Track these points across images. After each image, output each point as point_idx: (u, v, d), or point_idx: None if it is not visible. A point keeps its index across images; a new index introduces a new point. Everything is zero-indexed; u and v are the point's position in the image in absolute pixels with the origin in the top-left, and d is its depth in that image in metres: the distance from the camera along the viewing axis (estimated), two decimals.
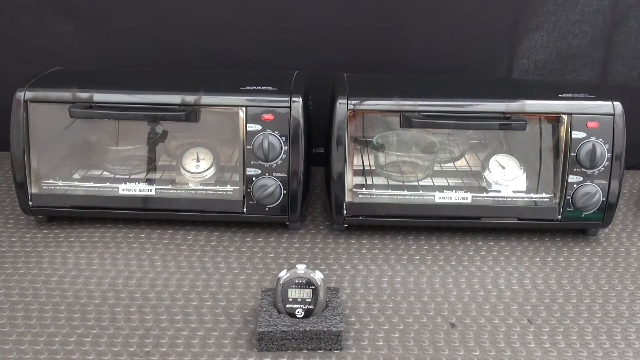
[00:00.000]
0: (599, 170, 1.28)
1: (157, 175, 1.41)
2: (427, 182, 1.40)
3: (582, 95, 1.30)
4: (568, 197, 1.29)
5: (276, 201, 1.30)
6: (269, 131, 1.28)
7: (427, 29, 1.61)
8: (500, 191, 1.35)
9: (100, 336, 1.04)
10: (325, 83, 1.44)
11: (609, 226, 1.36)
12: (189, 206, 1.34)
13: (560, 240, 1.35)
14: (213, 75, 1.43)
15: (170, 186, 1.35)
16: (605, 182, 1.28)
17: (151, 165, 1.43)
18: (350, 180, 1.33)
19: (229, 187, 1.34)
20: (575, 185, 1.29)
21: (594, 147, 1.26)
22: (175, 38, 1.61)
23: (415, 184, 1.40)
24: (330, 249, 1.31)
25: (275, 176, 1.29)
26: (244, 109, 1.28)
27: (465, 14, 1.59)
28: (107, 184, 1.35)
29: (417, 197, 1.34)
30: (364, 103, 1.29)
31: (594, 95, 1.30)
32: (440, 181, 1.41)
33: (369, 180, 1.41)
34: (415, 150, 1.46)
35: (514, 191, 1.35)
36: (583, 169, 1.28)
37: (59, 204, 1.34)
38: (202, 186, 1.36)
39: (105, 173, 1.41)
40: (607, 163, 1.27)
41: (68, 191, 1.35)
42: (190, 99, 1.29)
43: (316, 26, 1.61)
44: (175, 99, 1.29)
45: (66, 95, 1.30)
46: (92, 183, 1.36)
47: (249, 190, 1.30)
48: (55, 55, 1.61)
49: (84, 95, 1.29)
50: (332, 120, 1.29)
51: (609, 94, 1.31)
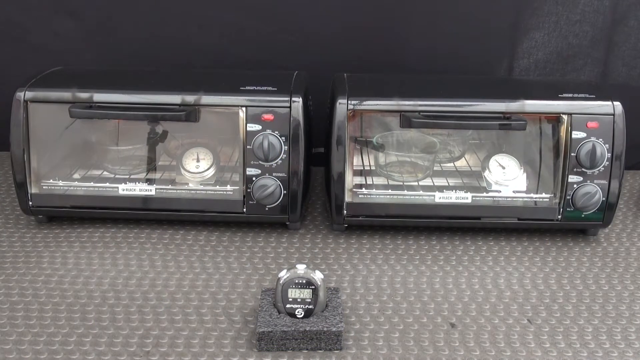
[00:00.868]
0: (599, 170, 1.28)
1: (157, 175, 1.41)
2: (427, 182, 1.40)
3: (582, 95, 1.30)
4: (568, 197, 1.29)
5: (276, 201, 1.30)
6: (269, 131, 1.28)
7: (427, 29, 1.61)
8: (500, 191, 1.35)
9: (100, 336, 1.04)
10: (325, 83, 1.44)
11: (609, 226, 1.35)
12: (189, 206, 1.34)
13: (560, 240, 1.35)
14: (213, 75, 1.43)
15: (170, 186, 1.35)
16: (605, 182, 1.28)
17: (151, 165, 1.43)
18: (350, 180, 1.33)
19: (229, 187, 1.34)
20: (575, 185, 1.29)
21: (594, 147, 1.26)
22: (175, 38, 1.61)
23: (415, 184, 1.40)
24: (330, 249, 1.31)
25: (275, 176, 1.29)
26: (244, 109, 1.28)
27: (465, 14, 1.59)
28: (107, 184, 1.35)
29: (417, 197, 1.34)
30: (364, 103, 1.29)
31: (594, 95, 1.30)
32: (440, 181, 1.41)
33: (369, 180, 1.41)
34: (415, 150, 1.46)
35: (514, 191, 1.35)
36: (583, 169, 1.28)
37: (59, 204, 1.34)
38: (202, 186, 1.36)
39: (105, 173, 1.41)
40: (607, 163, 1.27)
41: (68, 191, 1.35)
42: (190, 99, 1.29)
43: (316, 26, 1.61)
44: (175, 99, 1.29)
45: (66, 95, 1.30)
46: (92, 183, 1.36)
47: (249, 190, 1.30)
48: (55, 55, 1.61)
49: (84, 95, 1.29)
50: (332, 120, 1.29)
51: (609, 94, 1.31)
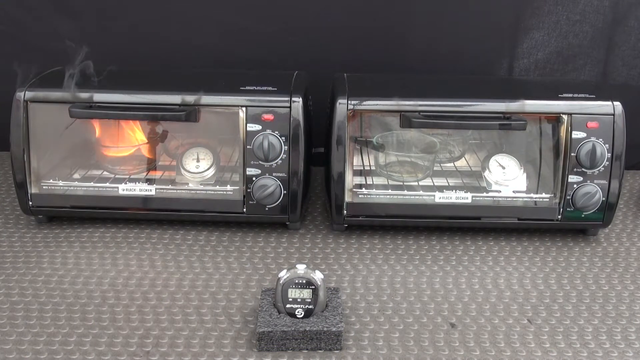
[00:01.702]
0: (599, 170, 1.28)
1: (157, 175, 1.41)
2: (427, 182, 1.40)
3: (582, 95, 1.30)
4: (568, 197, 1.29)
5: (276, 201, 1.30)
6: (269, 131, 1.28)
7: (428, 29, 1.61)
8: (500, 191, 1.35)
9: (100, 336, 1.04)
10: (325, 83, 1.44)
11: (609, 226, 1.35)
12: (189, 206, 1.34)
13: (560, 240, 1.35)
14: (213, 75, 1.43)
15: (170, 186, 1.35)
16: (605, 182, 1.28)
17: (151, 165, 1.43)
18: (350, 180, 1.33)
19: (229, 187, 1.34)
20: (575, 185, 1.29)
21: (594, 147, 1.26)
22: (175, 38, 1.61)
23: (415, 184, 1.40)
24: (330, 249, 1.31)
25: (275, 176, 1.29)
26: (244, 109, 1.28)
27: (465, 14, 1.59)
28: (107, 184, 1.35)
29: (417, 197, 1.34)
30: (364, 103, 1.29)
31: (594, 95, 1.30)
32: (440, 181, 1.41)
33: (369, 180, 1.41)
34: (415, 150, 1.46)
35: (514, 191, 1.35)
36: (583, 169, 1.28)
37: (59, 204, 1.34)
38: (202, 186, 1.36)
39: (105, 173, 1.41)
40: (607, 163, 1.27)
41: (68, 191, 1.35)
42: (190, 99, 1.29)
43: (316, 26, 1.61)
44: (175, 99, 1.29)
45: (66, 95, 1.30)
46: (92, 183, 1.36)
47: (249, 190, 1.30)
48: (55, 55, 1.61)
49: (84, 95, 1.29)
50: (332, 120, 1.29)
51: (609, 94, 1.31)
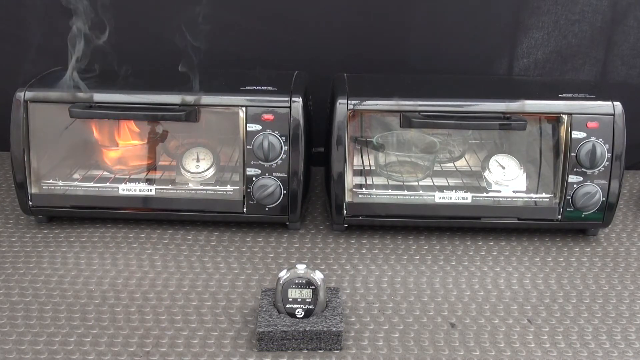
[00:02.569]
0: (599, 170, 1.28)
1: (157, 175, 1.41)
2: (427, 182, 1.40)
3: (582, 95, 1.30)
4: (568, 197, 1.29)
5: (276, 201, 1.30)
6: (269, 131, 1.28)
7: (427, 28, 1.61)
8: (500, 191, 1.35)
9: (100, 336, 1.04)
10: (325, 83, 1.44)
11: (609, 226, 1.36)
12: (189, 206, 1.34)
13: (560, 240, 1.35)
14: (213, 75, 1.43)
15: (170, 186, 1.35)
16: (605, 182, 1.28)
17: (151, 165, 1.43)
18: (350, 180, 1.33)
19: (229, 187, 1.34)
20: (575, 185, 1.29)
21: (594, 147, 1.26)
22: (176, 38, 1.61)
23: (415, 184, 1.40)
24: (330, 249, 1.31)
25: (275, 176, 1.29)
26: (244, 109, 1.28)
27: (465, 13, 1.59)
28: (107, 184, 1.35)
29: (417, 197, 1.34)
30: (364, 103, 1.29)
31: (594, 95, 1.30)
32: (440, 181, 1.41)
33: (369, 180, 1.41)
34: (415, 150, 1.46)
35: (514, 191, 1.35)
36: (583, 169, 1.28)
37: (59, 204, 1.34)
38: (202, 186, 1.36)
39: (105, 173, 1.41)
40: (607, 163, 1.27)
41: (68, 191, 1.35)
42: (190, 99, 1.29)
43: (316, 26, 1.60)
44: (175, 99, 1.30)
45: (66, 95, 1.30)
46: (92, 183, 1.36)
47: (249, 190, 1.30)
48: (55, 55, 1.61)
49: (84, 95, 1.29)
50: (332, 120, 1.29)
51: (609, 94, 1.31)
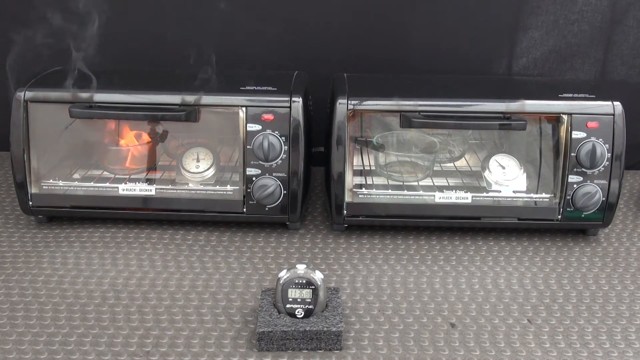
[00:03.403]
0: (599, 170, 1.28)
1: (157, 175, 1.41)
2: (427, 182, 1.40)
3: (582, 95, 1.30)
4: (568, 197, 1.29)
5: (276, 201, 1.30)
6: (269, 131, 1.28)
7: (427, 28, 1.61)
8: (500, 191, 1.35)
9: (100, 336, 1.04)
10: (325, 83, 1.44)
11: (609, 226, 1.36)
12: (189, 206, 1.34)
13: (560, 240, 1.35)
14: (213, 75, 1.43)
15: (170, 186, 1.35)
16: (605, 182, 1.28)
17: (151, 165, 1.43)
18: (350, 180, 1.33)
19: (229, 187, 1.34)
20: (575, 185, 1.29)
21: (594, 147, 1.26)
22: (175, 38, 1.61)
23: (415, 184, 1.40)
24: (330, 249, 1.31)
25: (275, 176, 1.29)
26: (244, 109, 1.28)
27: (464, 13, 1.59)
28: (107, 184, 1.35)
29: (417, 197, 1.34)
30: (364, 103, 1.29)
31: (594, 95, 1.30)
32: (440, 181, 1.41)
33: (369, 180, 1.41)
34: (415, 150, 1.46)
35: (514, 191, 1.35)
36: (583, 169, 1.28)
37: (59, 204, 1.34)
38: (202, 186, 1.36)
39: (105, 173, 1.41)
40: (607, 163, 1.27)
41: (68, 191, 1.35)
42: (190, 99, 1.29)
43: (316, 26, 1.60)
44: (175, 99, 1.30)
45: (66, 95, 1.30)
46: (92, 183, 1.36)
47: (249, 190, 1.30)
48: (56, 55, 1.61)
49: (84, 95, 1.29)
50: (332, 120, 1.29)
51: (609, 94, 1.31)
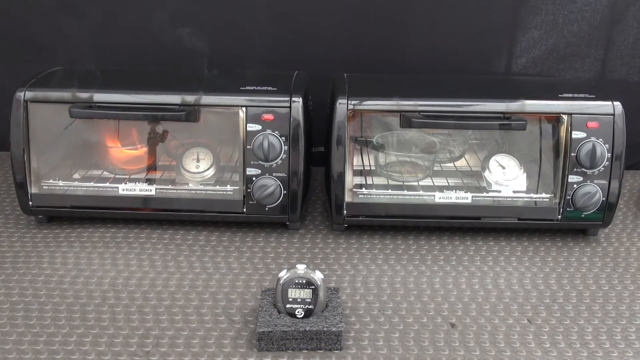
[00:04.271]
0: (599, 170, 1.28)
1: (157, 175, 1.41)
2: (427, 182, 1.40)
3: (582, 95, 1.30)
4: (568, 197, 1.29)
5: (276, 201, 1.30)
6: (269, 131, 1.28)
7: (427, 28, 1.61)
8: (500, 191, 1.35)
9: (100, 336, 1.04)
10: (325, 83, 1.44)
11: (609, 226, 1.36)
12: (189, 206, 1.34)
13: (560, 240, 1.35)
14: (213, 75, 1.43)
15: (170, 186, 1.35)
16: (605, 182, 1.28)
17: (151, 165, 1.43)
18: (350, 180, 1.33)
19: (229, 187, 1.34)
20: (575, 185, 1.29)
21: (594, 147, 1.26)
22: (176, 38, 1.61)
23: (415, 184, 1.40)
24: (330, 249, 1.31)
25: (275, 176, 1.29)
26: (244, 109, 1.28)
27: (464, 13, 1.59)
28: (107, 184, 1.35)
29: (417, 197, 1.34)
30: (364, 103, 1.29)
31: (593, 95, 1.30)
32: (440, 181, 1.41)
33: (369, 180, 1.41)
34: (415, 150, 1.46)
35: (514, 191, 1.35)
36: (583, 169, 1.28)
37: (59, 204, 1.34)
38: (202, 186, 1.36)
39: (105, 173, 1.41)
40: (607, 163, 1.27)
41: (68, 191, 1.35)
42: (190, 99, 1.29)
43: (316, 26, 1.60)
44: (175, 99, 1.30)
45: (66, 95, 1.30)
46: (92, 183, 1.36)
47: (249, 190, 1.30)
48: (55, 55, 1.61)
49: (84, 95, 1.29)
50: (332, 120, 1.29)
51: (608, 93, 1.31)
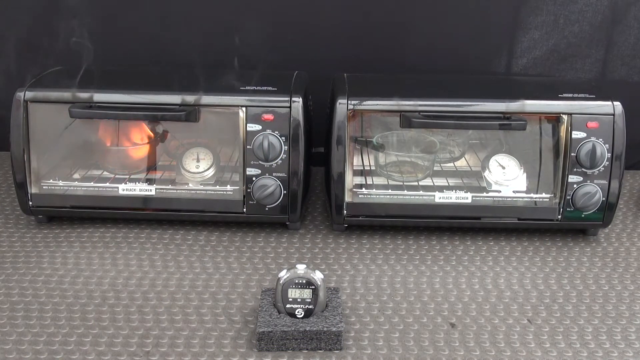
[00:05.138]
0: (599, 170, 1.28)
1: (157, 175, 1.41)
2: (427, 182, 1.40)
3: (582, 95, 1.30)
4: (568, 197, 1.29)
5: (276, 201, 1.30)
6: (269, 131, 1.28)
7: (427, 28, 1.61)
8: (500, 191, 1.35)
9: (100, 336, 1.04)
10: (325, 83, 1.44)
11: (609, 226, 1.36)
12: (189, 206, 1.34)
13: (560, 240, 1.35)
14: (213, 75, 1.43)
15: (170, 186, 1.35)
16: (605, 182, 1.28)
17: (151, 165, 1.43)
18: (350, 180, 1.33)
19: (229, 187, 1.34)
20: (575, 185, 1.29)
21: (594, 147, 1.26)
22: (175, 38, 1.61)
23: (415, 184, 1.40)
24: (330, 249, 1.31)
25: (275, 176, 1.29)
26: (244, 109, 1.28)
27: (464, 13, 1.59)
28: (107, 184, 1.35)
29: (417, 197, 1.34)
30: (364, 103, 1.29)
31: (594, 95, 1.30)
32: (440, 181, 1.41)
33: (369, 180, 1.41)
34: (415, 150, 1.46)
35: (514, 191, 1.35)
36: (583, 169, 1.28)
37: (59, 204, 1.34)
38: (202, 186, 1.36)
39: (105, 173, 1.41)
40: (607, 163, 1.27)
41: (68, 191, 1.35)
42: (190, 99, 1.29)
43: (316, 26, 1.60)
44: (175, 99, 1.30)
45: (66, 95, 1.30)
46: (92, 183, 1.36)
47: (249, 190, 1.30)
48: (55, 55, 1.61)
49: (83, 95, 1.29)
50: (332, 120, 1.29)
51: (609, 94, 1.31)
